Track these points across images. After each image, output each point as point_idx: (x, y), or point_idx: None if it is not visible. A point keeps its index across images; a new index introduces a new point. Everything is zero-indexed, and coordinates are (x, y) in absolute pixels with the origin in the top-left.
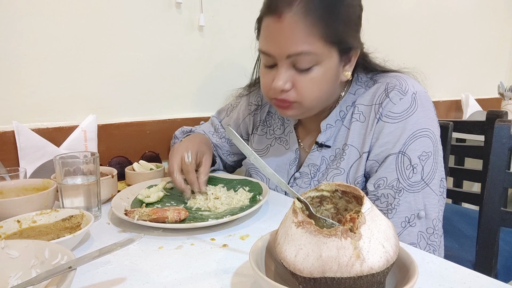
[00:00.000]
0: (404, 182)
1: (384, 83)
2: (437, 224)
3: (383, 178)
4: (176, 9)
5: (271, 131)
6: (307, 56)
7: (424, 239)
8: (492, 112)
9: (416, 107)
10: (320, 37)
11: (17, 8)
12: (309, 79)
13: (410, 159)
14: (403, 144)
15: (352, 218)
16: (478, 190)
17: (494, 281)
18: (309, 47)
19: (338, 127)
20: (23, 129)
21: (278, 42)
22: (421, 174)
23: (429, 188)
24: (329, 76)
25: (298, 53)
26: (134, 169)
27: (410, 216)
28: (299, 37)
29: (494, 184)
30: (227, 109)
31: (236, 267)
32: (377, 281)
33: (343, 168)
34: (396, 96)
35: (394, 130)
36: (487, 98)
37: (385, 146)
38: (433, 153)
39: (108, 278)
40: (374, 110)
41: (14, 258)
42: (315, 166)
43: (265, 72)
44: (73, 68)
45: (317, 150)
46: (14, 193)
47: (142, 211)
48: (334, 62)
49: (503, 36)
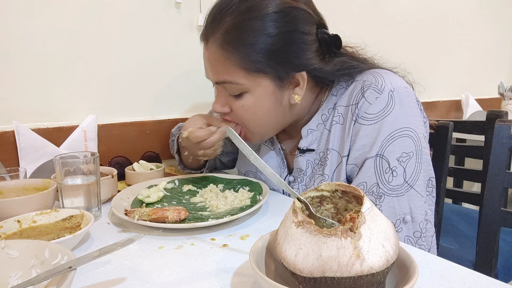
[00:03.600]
0: (384, 187)
1: (360, 81)
2: (424, 226)
3: (363, 183)
4: (176, 9)
5: None
6: (231, 84)
7: (412, 244)
8: (492, 112)
9: (393, 105)
10: (239, 68)
11: (17, 8)
12: (241, 106)
13: (388, 162)
14: (380, 146)
15: (352, 218)
16: (478, 190)
17: (494, 281)
18: (229, 77)
19: (321, 130)
20: (23, 129)
21: (207, 68)
22: (403, 177)
23: (413, 190)
24: (264, 104)
25: (221, 81)
26: (134, 169)
27: (395, 221)
28: (220, 67)
29: (494, 184)
30: None
31: (236, 267)
32: (377, 281)
33: (327, 174)
34: (371, 95)
35: (370, 132)
36: (487, 98)
37: (362, 150)
38: (415, 153)
39: (108, 278)
40: (351, 111)
41: (14, 258)
42: (301, 171)
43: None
44: (73, 68)
45: (300, 155)
46: (14, 193)
47: (142, 211)
48: (267, 89)
49: (503, 36)
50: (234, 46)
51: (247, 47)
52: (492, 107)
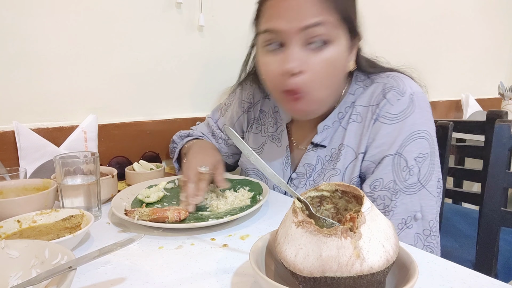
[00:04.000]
0: (400, 184)
1: (381, 83)
2: (434, 226)
3: (379, 179)
4: (177, 9)
5: (265, 129)
6: (321, 28)
7: (421, 241)
8: (492, 112)
9: (413, 108)
10: (333, 9)
11: (17, 8)
12: (322, 59)
13: (406, 160)
14: (400, 145)
15: (352, 218)
16: (478, 190)
17: (494, 281)
18: (323, 18)
19: (335, 127)
20: (23, 129)
21: (290, 15)
22: (417, 176)
23: (425, 189)
24: (340, 60)
25: (313, 24)
26: (134, 169)
27: (406, 218)
28: (315, 7)
29: (494, 184)
30: (221, 108)
31: (236, 267)
32: (377, 281)
33: (339, 169)
34: (393, 97)
35: (391, 131)
36: (487, 98)
37: (381, 147)
38: (429, 155)
39: (108, 278)
40: (371, 111)
41: (14, 258)
42: (310, 166)
43: (269, 60)
44: (73, 68)
45: (312, 150)
46: (14, 193)
47: (142, 211)
48: (344, 44)
49: (503, 36)
50: None
51: None
52: (492, 107)
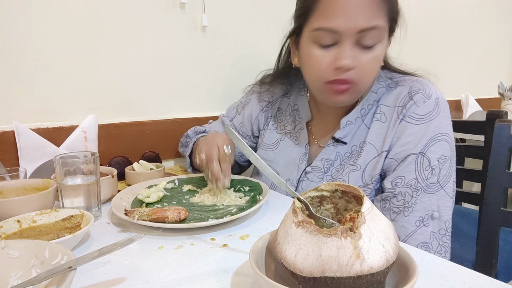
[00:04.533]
0: (422, 182)
1: (407, 86)
2: (448, 226)
3: (401, 176)
4: (180, 9)
5: (281, 126)
6: (376, 31)
7: (437, 240)
8: (492, 112)
9: (438, 111)
10: (386, 11)
11: (17, 8)
12: (372, 57)
13: (429, 160)
14: (424, 145)
15: (352, 218)
16: (478, 190)
17: (494, 281)
18: (380, 22)
19: (358, 124)
20: (23, 129)
21: (349, 16)
22: (437, 177)
23: (443, 190)
24: (382, 57)
25: (371, 27)
26: (134, 169)
27: (424, 216)
28: (371, 10)
29: (494, 184)
30: (237, 106)
31: (236, 267)
32: (377, 281)
33: (359, 165)
34: (420, 99)
35: (416, 131)
36: (487, 98)
37: (406, 146)
38: (450, 157)
39: (108, 278)
40: (397, 111)
41: (14, 258)
42: (329, 161)
43: (320, 54)
44: (73, 68)
45: (333, 145)
46: (14, 193)
47: (142, 211)
48: (386, 43)
49: (503, 36)
50: None
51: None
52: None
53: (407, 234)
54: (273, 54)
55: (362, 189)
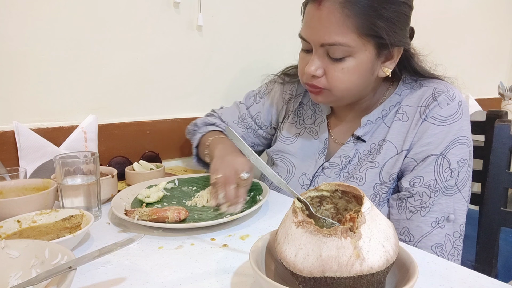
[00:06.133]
0: (441, 184)
1: (431, 87)
2: (462, 230)
3: (420, 177)
4: (175, 9)
5: (301, 120)
6: (340, 47)
7: (451, 242)
8: (492, 112)
9: (461, 114)
10: (354, 29)
11: (17, 8)
12: (340, 68)
13: (449, 162)
14: (446, 147)
15: (352, 218)
16: (478, 190)
17: (494, 281)
18: (342, 38)
19: (378, 124)
20: (23, 129)
21: (314, 30)
22: (456, 180)
23: (460, 194)
24: (361, 69)
25: (331, 43)
26: (134, 169)
27: (440, 217)
28: (334, 27)
29: (494, 184)
30: (256, 95)
31: (236, 267)
32: (377, 281)
33: (378, 162)
34: (444, 101)
35: (438, 133)
36: (487, 98)
37: (427, 146)
38: (468, 161)
39: (108, 278)
40: (419, 111)
41: (14, 258)
42: (347, 158)
43: (302, 56)
44: (73, 68)
45: (352, 142)
46: (14, 193)
47: (142, 211)
48: (368, 56)
49: (503, 36)
50: (358, 7)
51: (371, 9)
52: (492, 107)
53: (422, 234)
54: (271, 53)
55: (379, 187)
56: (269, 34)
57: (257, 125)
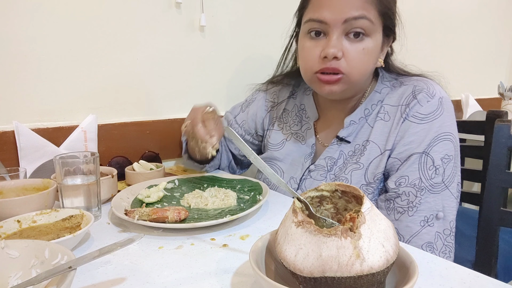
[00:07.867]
0: (426, 182)
1: (411, 85)
2: (453, 226)
3: (405, 176)
4: (176, 9)
5: (287, 127)
6: (362, 22)
7: (441, 240)
8: (492, 112)
9: (442, 111)
10: (375, 4)
11: (17, 8)
12: (360, 49)
13: (433, 160)
14: (428, 145)
15: (352, 218)
16: (478, 190)
17: (494, 281)
18: (365, 12)
19: (361, 124)
20: (23, 129)
21: (336, 7)
22: (442, 176)
23: (448, 190)
24: (375, 52)
25: (356, 17)
26: (134, 169)
27: (429, 216)
28: (360, 2)
29: (494, 184)
30: (242, 104)
31: (236, 267)
32: (377, 281)
33: (362, 163)
34: (424, 99)
35: (419, 131)
36: (487, 98)
37: (409, 145)
38: (454, 157)
39: (108, 278)
40: (400, 110)
41: (14, 258)
42: (332, 159)
43: (310, 45)
44: (73, 68)
45: (336, 143)
46: (14, 193)
47: (142, 211)
48: (379, 39)
49: (503, 36)
50: None
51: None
52: (492, 107)
53: (412, 234)
54: (272, 54)
55: (364, 187)
56: (270, 34)
57: (244, 131)
